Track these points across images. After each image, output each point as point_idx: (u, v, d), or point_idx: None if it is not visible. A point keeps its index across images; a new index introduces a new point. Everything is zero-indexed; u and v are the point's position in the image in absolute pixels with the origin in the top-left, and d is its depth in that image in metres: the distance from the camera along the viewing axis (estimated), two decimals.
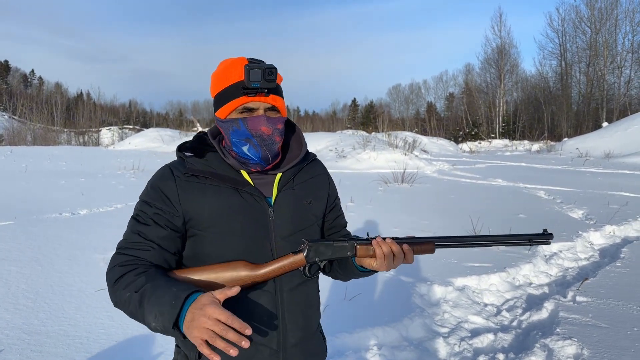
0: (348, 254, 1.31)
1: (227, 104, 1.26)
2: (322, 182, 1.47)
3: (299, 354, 1.34)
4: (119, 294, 1.17)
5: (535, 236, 1.37)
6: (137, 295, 1.13)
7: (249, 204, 1.29)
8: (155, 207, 1.27)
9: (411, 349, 3.23)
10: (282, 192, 1.34)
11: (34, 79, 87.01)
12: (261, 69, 1.21)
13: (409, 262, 1.33)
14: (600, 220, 7.24)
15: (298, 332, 1.33)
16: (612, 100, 39.92)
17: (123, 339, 3.13)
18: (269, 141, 1.27)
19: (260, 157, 1.28)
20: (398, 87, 75.96)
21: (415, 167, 15.42)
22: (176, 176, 1.29)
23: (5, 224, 6.01)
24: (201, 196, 1.27)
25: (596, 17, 41.40)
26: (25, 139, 32.86)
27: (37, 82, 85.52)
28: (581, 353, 2.94)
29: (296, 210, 1.35)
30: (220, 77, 1.29)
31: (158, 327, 1.08)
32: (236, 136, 1.27)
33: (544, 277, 4.85)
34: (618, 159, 18.69)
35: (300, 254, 1.28)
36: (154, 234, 1.25)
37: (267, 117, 1.26)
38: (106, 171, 13.69)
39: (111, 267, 1.23)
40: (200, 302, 1.04)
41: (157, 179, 1.31)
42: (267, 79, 1.21)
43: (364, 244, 1.31)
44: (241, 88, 1.23)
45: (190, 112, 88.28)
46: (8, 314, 3.41)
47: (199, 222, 1.27)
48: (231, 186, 1.29)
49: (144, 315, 1.10)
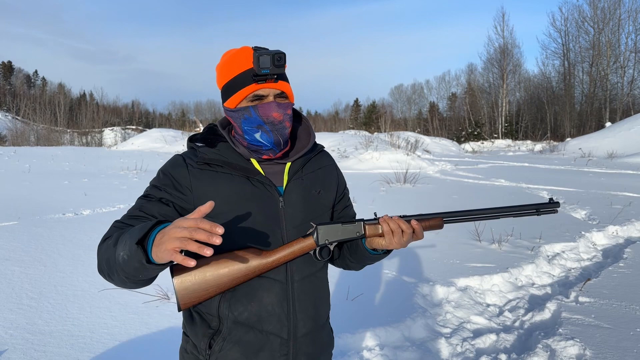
0: (357, 234, 1.32)
1: (237, 93, 1.26)
2: (330, 173, 1.48)
3: (309, 344, 1.34)
4: (101, 250, 1.15)
5: (542, 205, 1.38)
6: (113, 239, 1.12)
7: (260, 192, 1.30)
8: (165, 191, 1.27)
9: (413, 350, 3.23)
10: (292, 181, 1.35)
11: (37, 80, 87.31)
12: (270, 55, 1.21)
13: (418, 238, 1.32)
14: (603, 220, 7.22)
15: (309, 322, 1.34)
16: (615, 100, 39.80)
17: (126, 339, 3.14)
18: (280, 126, 1.28)
19: (272, 142, 1.29)
20: (400, 87, 76.06)
21: (417, 167, 15.40)
22: (188, 164, 1.30)
23: (8, 224, 6.03)
24: (213, 184, 1.28)
25: (599, 17, 41.30)
26: (28, 140, 32.97)
27: (40, 82, 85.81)
28: (584, 354, 2.94)
29: (306, 199, 1.36)
30: (226, 67, 1.28)
31: (125, 254, 1.05)
32: (248, 124, 1.28)
33: (547, 278, 4.84)
34: (621, 159, 18.62)
35: (310, 238, 1.29)
36: (156, 210, 1.24)
37: (277, 103, 1.27)
38: (109, 171, 13.72)
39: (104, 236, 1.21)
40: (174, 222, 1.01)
41: (168, 166, 1.32)
42: (277, 64, 1.21)
43: (372, 223, 1.32)
44: (250, 76, 1.23)
45: (192, 112, 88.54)
46: (12, 314, 3.43)
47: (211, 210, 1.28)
48: (242, 175, 1.30)
49: (115, 252, 1.08)
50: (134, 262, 1.04)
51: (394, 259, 5.15)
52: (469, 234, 6.26)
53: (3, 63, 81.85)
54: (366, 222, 1.33)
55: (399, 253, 5.36)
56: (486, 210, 1.37)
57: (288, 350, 1.30)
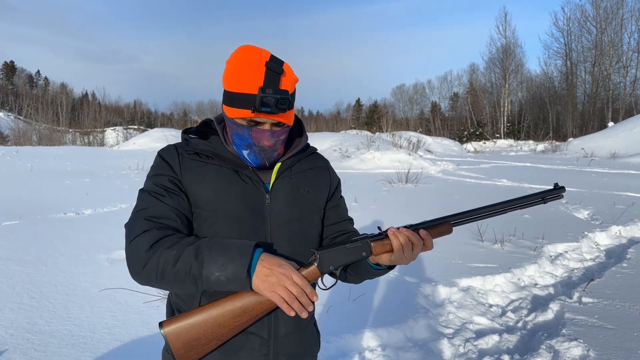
0: (364, 255, 1.24)
1: (235, 109, 1.24)
2: (322, 174, 1.45)
3: (291, 344, 1.32)
4: (160, 255, 1.12)
5: (548, 193, 1.35)
6: (191, 249, 1.11)
7: (247, 187, 1.29)
8: (167, 174, 1.27)
9: (415, 350, 3.21)
10: (280, 179, 1.34)
11: (40, 80, 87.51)
12: (274, 99, 1.17)
13: (428, 248, 1.27)
14: (606, 220, 7.19)
15: (290, 322, 1.31)
16: (617, 100, 39.70)
17: (127, 339, 3.13)
18: (269, 151, 1.28)
19: (258, 163, 1.30)
20: (402, 87, 76.07)
21: (419, 167, 15.38)
22: (180, 153, 1.31)
23: (10, 224, 6.03)
24: (202, 175, 1.27)
25: (602, 17, 41.20)
26: (30, 139, 33.01)
27: (42, 82, 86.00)
28: (587, 355, 2.91)
29: (293, 197, 1.33)
30: (235, 75, 1.22)
31: (223, 276, 1.09)
32: (239, 140, 1.27)
33: (550, 278, 4.82)
34: (624, 159, 18.56)
35: (312, 266, 1.23)
36: (172, 202, 1.24)
37: (271, 132, 1.25)
38: (111, 171, 13.73)
39: (141, 232, 1.17)
40: (278, 261, 1.12)
41: (162, 152, 1.33)
42: (279, 107, 1.19)
43: (378, 239, 1.25)
44: (252, 102, 1.19)
45: (194, 112, 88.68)
46: (12, 313, 3.42)
47: (198, 200, 1.26)
48: (231, 168, 1.29)
49: (202, 267, 1.09)
50: (234, 285, 1.11)
51: None
52: (471, 234, 6.23)
53: (6, 63, 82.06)
54: (372, 240, 1.24)
55: None
56: (493, 206, 1.33)
57: (268, 350, 1.28)
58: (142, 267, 1.13)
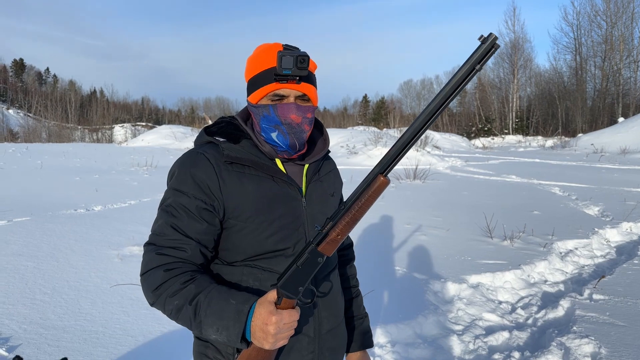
0: (320, 260, 1.15)
1: (259, 89, 1.25)
2: (337, 176, 1.51)
3: (331, 339, 1.37)
4: (165, 302, 1.13)
5: (479, 54, 1.01)
6: (190, 307, 1.10)
7: (285, 192, 1.28)
8: (194, 197, 1.20)
9: (425, 347, 3.21)
10: (312, 182, 1.35)
11: (49, 77, 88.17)
12: (293, 57, 1.18)
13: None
14: (617, 217, 7.13)
15: (331, 318, 1.37)
16: (628, 95, 39.25)
17: (139, 334, 3.16)
18: (297, 129, 1.26)
19: (288, 144, 1.26)
20: (410, 82, 75.59)
21: (427, 163, 15.33)
22: (214, 164, 1.22)
23: (21, 220, 6.10)
24: (241, 185, 1.23)
25: (612, 11, 40.70)
26: (40, 136, 33.33)
27: (51, 80, 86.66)
28: (599, 352, 2.90)
29: (324, 201, 1.37)
30: (254, 62, 1.28)
31: (220, 339, 1.10)
32: (266, 122, 1.26)
33: (560, 275, 4.79)
34: (634, 154, 18.39)
35: (286, 300, 1.13)
36: (192, 230, 1.19)
37: (297, 105, 1.24)
38: (120, 168, 13.82)
39: (149, 269, 1.16)
40: (265, 318, 1.06)
41: (191, 165, 1.22)
42: (299, 66, 1.19)
43: (322, 240, 1.14)
44: (273, 74, 1.22)
45: (202, 109, 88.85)
46: (26, 308, 3.46)
47: (240, 213, 1.22)
48: (268, 175, 1.27)
49: (200, 328, 1.10)
50: (229, 345, 1.16)
51: (404, 255, 5.13)
52: (480, 230, 6.21)
53: (15, 61, 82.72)
54: (317, 243, 1.15)
55: (409, 250, 5.34)
56: (416, 119, 1.06)
57: (314, 348, 1.32)
58: (151, 304, 1.18)
